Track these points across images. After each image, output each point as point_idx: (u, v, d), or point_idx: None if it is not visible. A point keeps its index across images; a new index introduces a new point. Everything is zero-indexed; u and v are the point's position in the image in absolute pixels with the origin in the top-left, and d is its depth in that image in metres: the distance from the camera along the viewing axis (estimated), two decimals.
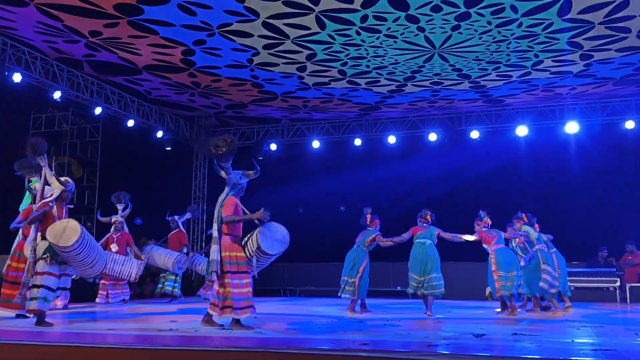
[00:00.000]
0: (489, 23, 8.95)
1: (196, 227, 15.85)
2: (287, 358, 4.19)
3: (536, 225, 9.13)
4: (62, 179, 6.63)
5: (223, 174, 6.15)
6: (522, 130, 13.40)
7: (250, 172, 6.28)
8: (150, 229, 14.41)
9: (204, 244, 15.65)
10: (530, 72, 11.12)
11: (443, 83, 11.89)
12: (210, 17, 8.90)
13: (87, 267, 6.38)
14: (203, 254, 11.59)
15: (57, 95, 11.16)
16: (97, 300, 10.26)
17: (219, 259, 5.86)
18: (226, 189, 6.15)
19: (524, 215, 8.89)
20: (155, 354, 4.41)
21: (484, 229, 8.60)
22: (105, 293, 10.26)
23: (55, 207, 6.47)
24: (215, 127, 15.62)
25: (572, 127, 13.06)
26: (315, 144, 14.90)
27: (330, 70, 11.15)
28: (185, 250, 10.93)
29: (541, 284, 8.44)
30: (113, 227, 10.34)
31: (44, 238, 6.24)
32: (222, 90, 12.51)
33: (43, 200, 6.47)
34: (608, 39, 9.44)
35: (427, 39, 9.57)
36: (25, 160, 7.42)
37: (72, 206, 7.22)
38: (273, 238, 5.97)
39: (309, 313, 8.31)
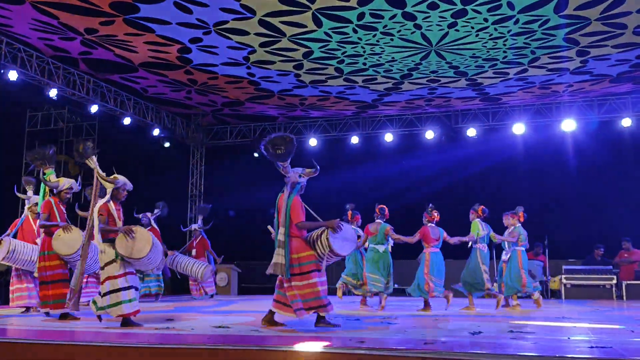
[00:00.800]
0: (486, 20, 8.94)
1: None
2: (284, 356, 4.19)
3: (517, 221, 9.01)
4: (111, 177, 6.32)
5: (284, 172, 6.02)
6: (519, 128, 13.41)
7: (310, 170, 6.15)
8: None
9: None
10: (527, 69, 11.13)
11: (440, 81, 11.88)
12: (206, 15, 8.88)
13: (151, 265, 6.25)
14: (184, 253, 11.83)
15: (53, 93, 11.12)
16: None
17: (288, 263, 5.74)
18: (286, 189, 5.99)
19: (479, 208, 8.75)
20: (152, 352, 4.40)
21: (429, 225, 8.49)
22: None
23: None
24: (212, 125, 15.60)
25: (569, 125, 13.07)
26: (312, 141, 14.88)
27: (327, 68, 11.14)
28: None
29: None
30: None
31: (105, 241, 5.98)
32: (218, 88, 12.49)
33: (100, 203, 6.13)
34: (604, 35, 9.45)
35: (423, 36, 9.56)
36: (38, 150, 7.22)
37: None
38: (344, 238, 5.83)
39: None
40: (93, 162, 6.48)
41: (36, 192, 9.15)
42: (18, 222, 8.14)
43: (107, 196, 6.16)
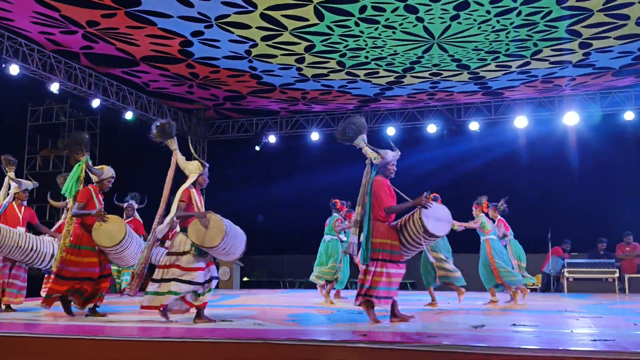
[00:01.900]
0: (488, 12, 8.90)
1: None
2: (286, 350, 4.19)
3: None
4: (197, 162, 6.06)
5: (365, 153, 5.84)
6: (521, 122, 13.37)
7: (396, 153, 5.93)
8: (149, 221, 14.33)
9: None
10: (529, 62, 11.08)
11: (442, 74, 11.84)
12: (207, 9, 8.85)
13: (231, 255, 5.96)
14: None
15: (54, 87, 11.10)
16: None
17: (368, 246, 5.53)
18: (367, 171, 5.79)
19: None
20: (155, 346, 4.41)
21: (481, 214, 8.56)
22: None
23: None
24: (214, 119, 15.58)
25: (571, 118, 13.03)
26: (315, 136, 14.86)
27: (329, 62, 11.11)
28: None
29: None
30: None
31: (182, 231, 5.71)
32: (220, 82, 12.47)
33: (183, 188, 5.87)
34: (607, 27, 9.39)
35: (426, 29, 9.52)
36: (73, 135, 6.79)
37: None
38: (437, 218, 5.53)
39: (308, 305, 8.31)
40: (174, 143, 6.18)
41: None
42: (0, 208, 7.38)
43: (190, 182, 5.93)
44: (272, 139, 15.25)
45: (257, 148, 15.04)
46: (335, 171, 15.21)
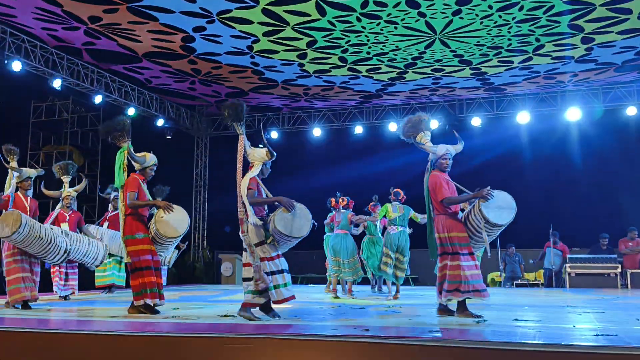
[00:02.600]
0: (490, 7, 8.88)
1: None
2: (288, 345, 4.20)
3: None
4: (262, 149, 5.81)
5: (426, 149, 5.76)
6: (523, 117, 13.35)
7: (458, 145, 5.82)
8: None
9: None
10: (531, 57, 11.05)
11: (444, 70, 11.82)
12: (209, 4, 8.84)
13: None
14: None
15: (57, 83, 11.13)
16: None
17: (434, 242, 5.51)
18: (428, 167, 5.75)
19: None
20: (159, 341, 4.42)
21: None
22: None
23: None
24: (216, 116, 15.59)
25: (573, 114, 13.01)
26: (316, 131, 14.86)
27: (331, 58, 11.10)
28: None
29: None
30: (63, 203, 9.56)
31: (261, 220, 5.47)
32: (222, 78, 12.46)
33: (249, 176, 5.61)
34: (609, 21, 9.36)
35: (428, 24, 9.50)
36: (116, 121, 6.42)
37: None
38: (499, 207, 5.37)
39: (310, 300, 8.33)
40: (241, 127, 5.86)
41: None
42: (9, 199, 7.06)
43: (256, 170, 5.70)
44: (273, 134, 15.26)
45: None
46: (337, 167, 15.23)
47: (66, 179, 8.48)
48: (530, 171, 13.85)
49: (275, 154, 5.76)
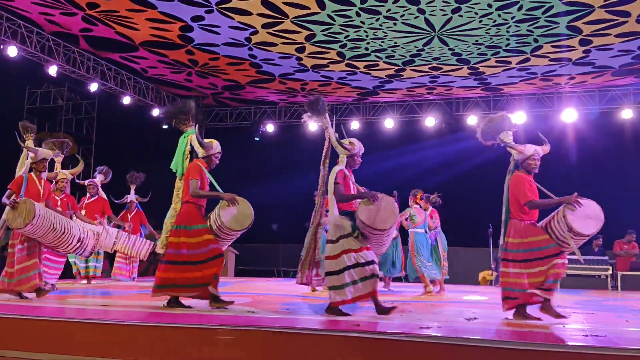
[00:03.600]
0: (490, 6, 8.88)
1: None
2: (279, 338, 4.20)
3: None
4: (347, 142, 5.68)
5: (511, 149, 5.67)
6: (519, 117, 13.36)
7: (545, 146, 5.64)
8: (147, 208, 14.28)
9: None
10: (529, 58, 11.06)
11: (442, 68, 11.82)
12: None
13: (385, 247, 5.62)
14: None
15: (52, 70, 11.05)
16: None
17: (502, 247, 5.30)
18: (510, 167, 5.64)
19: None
20: (147, 331, 4.42)
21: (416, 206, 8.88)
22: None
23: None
24: (213, 107, 15.53)
25: (569, 115, 13.03)
26: (312, 126, 14.81)
27: (329, 52, 11.07)
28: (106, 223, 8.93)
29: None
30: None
31: (341, 213, 5.34)
32: (219, 70, 12.41)
33: (337, 169, 5.48)
34: (607, 23, 9.38)
35: (427, 21, 9.49)
36: (177, 105, 6.25)
37: None
38: (586, 216, 5.10)
39: (302, 294, 8.33)
40: (326, 121, 5.72)
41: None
42: (22, 181, 6.56)
43: (343, 163, 5.58)
44: (270, 127, 15.23)
45: (257, 139, 15.05)
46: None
47: (58, 159, 8.02)
48: None
49: (358, 145, 5.70)
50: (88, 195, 9.38)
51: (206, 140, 6.00)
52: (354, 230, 5.23)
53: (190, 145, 5.98)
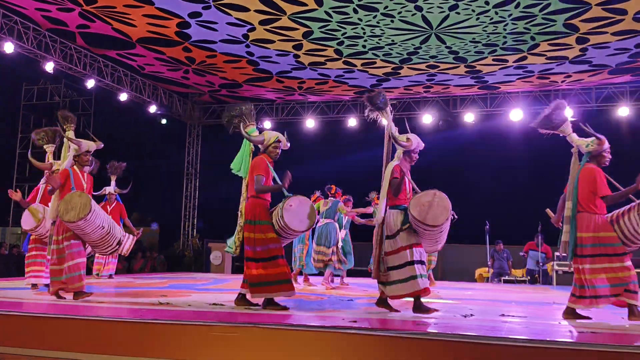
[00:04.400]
0: (487, 3, 8.88)
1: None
2: (276, 334, 4.21)
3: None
4: (404, 137, 5.55)
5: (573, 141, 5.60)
6: (516, 115, 13.40)
7: (602, 140, 5.46)
8: (143, 204, 14.34)
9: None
10: (526, 56, 11.07)
11: (439, 66, 11.82)
12: None
13: (440, 244, 5.54)
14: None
15: (49, 66, 11.03)
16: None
17: (574, 242, 5.14)
18: (574, 159, 5.53)
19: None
20: (144, 328, 4.42)
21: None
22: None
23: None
24: (210, 104, 15.52)
25: (567, 112, 13.04)
26: (310, 123, 14.84)
27: (327, 50, 11.06)
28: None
29: None
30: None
31: (392, 207, 5.28)
32: (216, 68, 12.39)
33: (393, 164, 5.38)
34: (604, 21, 9.39)
35: (424, 18, 9.49)
36: (235, 107, 6.11)
37: None
38: None
39: (299, 290, 8.34)
40: (387, 116, 5.63)
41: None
42: (65, 175, 6.17)
43: (399, 158, 5.51)
44: (267, 124, 15.22)
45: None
46: (329, 158, 15.22)
47: (50, 149, 7.51)
48: (522, 168, 13.92)
49: (416, 140, 5.61)
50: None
51: (258, 134, 5.90)
52: (404, 224, 5.20)
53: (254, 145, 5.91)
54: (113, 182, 9.97)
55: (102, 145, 6.54)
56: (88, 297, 5.96)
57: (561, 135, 5.63)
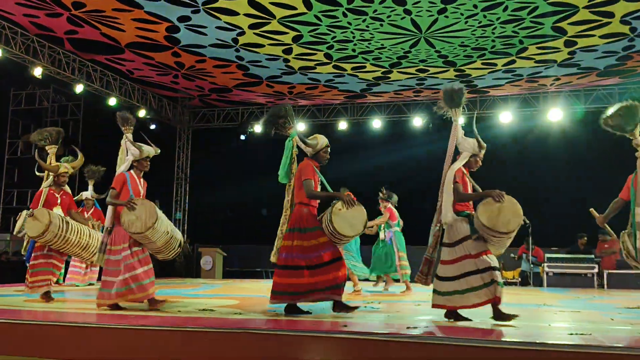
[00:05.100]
0: (475, 7, 8.92)
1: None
2: (267, 339, 4.19)
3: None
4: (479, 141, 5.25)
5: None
6: (505, 117, 13.47)
7: None
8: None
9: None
10: (514, 60, 11.13)
11: (429, 70, 11.85)
12: None
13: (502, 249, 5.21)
14: None
15: (37, 71, 10.95)
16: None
17: (636, 246, 5.04)
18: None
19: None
20: (134, 334, 4.39)
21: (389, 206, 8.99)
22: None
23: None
24: (200, 108, 15.47)
25: (555, 115, 13.14)
26: (300, 126, 14.82)
27: (316, 54, 11.06)
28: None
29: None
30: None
31: (458, 214, 5.00)
32: (206, 73, 12.35)
33: (455, 167, 5.13)
34: (592, 24, 9.45)
35: (413, 22, 9.52)
36: (274, 111, 5.88)
37: None
38: None
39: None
40: (459, 115, 5.35)
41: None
42: (124, 180, 5.89)
43: (463, 160, 5.21)
44: (257, 128, 15.21)
45: (242, 137, 15.04)
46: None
47: (53, 150, 7.15)
48: (512, 170, 13.98)
49: (485, 145, 5.31)
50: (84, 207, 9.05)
51: (311, 137, 5.68)
52: (472, 233, 4.90)
53: (297, 147, 5.72)
54: (91, 187, 9.61)
55: (159, 151, 6.33)
56: (162, 305, 5.69)
57: (627, 137, 5.49)
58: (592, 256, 11.65)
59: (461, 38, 10.14)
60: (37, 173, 7.88)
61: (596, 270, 11.39)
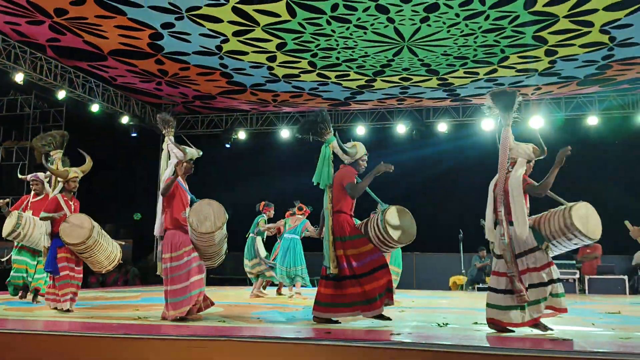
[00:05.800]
0: (457, 15, 9.01)
1: None
2: (250, 347, 4.18)
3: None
4: (533, 147, 5.21)
5: None
6: (488, 124, 13.58)
7: None
8: (116, 216, 14.09)
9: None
10: (496, 69, 11.25)
11: (412, 79, 11.94)
12: None
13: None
14: None
15: (19, 77, 10.85)
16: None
17: None
18: None
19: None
20: (119, 343, 4.36)
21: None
22: None
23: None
24: (183, 114, 15.42)
25: (537, 122, 13.29)
26: (284, 133, 14.83)
27: (300, 62, 11.09)
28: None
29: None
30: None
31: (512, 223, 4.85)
32: (190, 80, 12.31)
33: (517, 174, 5.05)
34: (572, 33, 9.59)
35: (396, 30, 9.59)
36: (311, 118, 5.77)
37: None
38: None
39: (273, 302, 8.31)
40: (510, 119, 5.30)
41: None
42: (169, 181, 5.67)
43: (520, 168, 5.16)
44: (241, 134, 15.20)
45: (228, 145, 15.04)
46: (303, 170, 15.17)
47: (58, 155, 6.90)
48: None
49: (546, 150, 5.18)
50: (33, 193, 7.60)
51: (350, 144, 5.68)
52: (540, 242, 4.77)
53: (333, 153, 5.65)
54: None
55: (202, 153, 6.14)
56: (200, 319, 5.50)
57: None
58: (574, 262, 11.77)
59: (444, 47, 10.24)
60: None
61: (577, 275, 11.51)
